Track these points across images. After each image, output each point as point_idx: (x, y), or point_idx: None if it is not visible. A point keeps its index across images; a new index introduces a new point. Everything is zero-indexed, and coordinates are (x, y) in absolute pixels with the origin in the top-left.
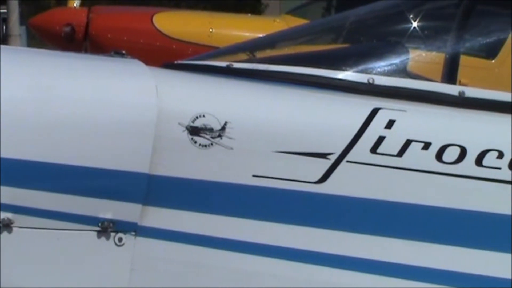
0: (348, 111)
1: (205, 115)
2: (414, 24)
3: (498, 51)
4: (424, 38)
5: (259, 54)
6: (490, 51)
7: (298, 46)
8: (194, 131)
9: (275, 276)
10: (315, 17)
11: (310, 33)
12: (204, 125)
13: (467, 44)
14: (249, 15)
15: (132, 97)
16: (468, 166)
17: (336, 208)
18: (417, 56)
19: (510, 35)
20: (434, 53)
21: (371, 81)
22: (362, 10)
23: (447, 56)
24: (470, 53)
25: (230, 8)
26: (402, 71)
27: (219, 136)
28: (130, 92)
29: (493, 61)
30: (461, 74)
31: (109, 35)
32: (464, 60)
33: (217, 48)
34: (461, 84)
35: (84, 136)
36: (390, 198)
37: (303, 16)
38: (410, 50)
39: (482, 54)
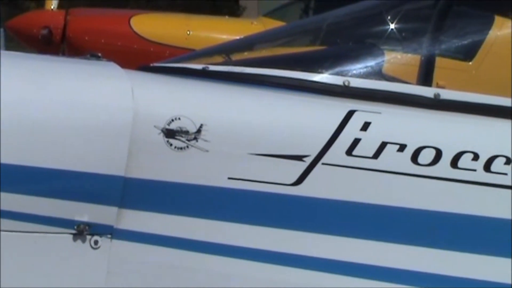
0: (324, 113)
1: (181, 117)
2: (391, 26)
3: (476, 53)
4: (401, 40)
5: (235, 57)
6: (468, 53)
7: (275, 48)
8: (169, 133)
9: (252, 278)
10: (293, 19)
11: (287, 35)
12: (179, 127)
13: (444, 46)
14: (227, 17)
15: (108, 99)
16: (443, 168)
17: (312, 210)
18: (393, 58)
19: (487, 36)
20: (410, 55)
21: (346, 83)
22: (339, 12)
23: (423, 58)
24: (447, 55)
25: (207, 10)
26: (378, 73)
27: (195, 138)
28: (105, 95)
29: (470, 63)
30: (438, 76)
31: (86, 38)
32: (441, 62)
33: (194, 50)
34: (438, 86)
35: (59, 139)
36: (366, 200)
37: (281, 18)
38: (386, 52)
39: (459, 56)
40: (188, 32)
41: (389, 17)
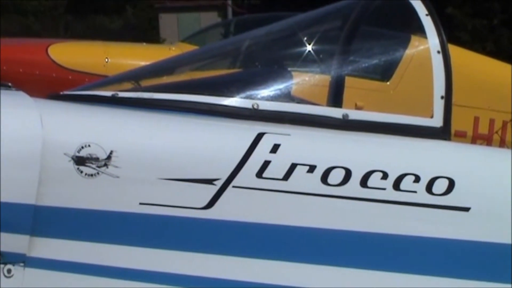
0: (233, 137)
1: (91, 144)
2: (301, 48)
3: (393, 72)
4: (311, 62)
5: (145, 82)
6: (385, 73)
7: (186, 72)
8: (79, 161)
9: None
10: None
11: (198, 60)
12: (89, 154)
13: (359, 67)
14: (144, 44)
15: (16, 128)
16: (353, 187)
17: (224, 233)
18: (302, 80)
19: (403, 56)
20: (319, 76)
21: (255, 106)
22: (248, 35)
23: (332, 79)
24: (364, 75)
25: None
26: (287, 96)
27: (105, 165)
28: (14, 124)
29: (388, 83)
30: (356, 97)
31: (4, 68)
32: (358, 82)
33: None
34: (357, 107)
35: None
36: (277, 221)
37: (199, 43)
38: (296, 74)
39: (376, 76)
40: (106, 60)
41: (299, 39)
